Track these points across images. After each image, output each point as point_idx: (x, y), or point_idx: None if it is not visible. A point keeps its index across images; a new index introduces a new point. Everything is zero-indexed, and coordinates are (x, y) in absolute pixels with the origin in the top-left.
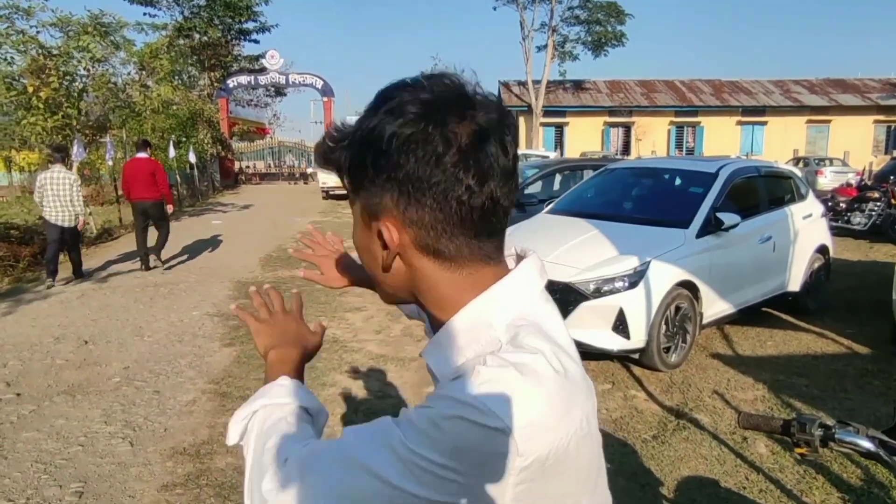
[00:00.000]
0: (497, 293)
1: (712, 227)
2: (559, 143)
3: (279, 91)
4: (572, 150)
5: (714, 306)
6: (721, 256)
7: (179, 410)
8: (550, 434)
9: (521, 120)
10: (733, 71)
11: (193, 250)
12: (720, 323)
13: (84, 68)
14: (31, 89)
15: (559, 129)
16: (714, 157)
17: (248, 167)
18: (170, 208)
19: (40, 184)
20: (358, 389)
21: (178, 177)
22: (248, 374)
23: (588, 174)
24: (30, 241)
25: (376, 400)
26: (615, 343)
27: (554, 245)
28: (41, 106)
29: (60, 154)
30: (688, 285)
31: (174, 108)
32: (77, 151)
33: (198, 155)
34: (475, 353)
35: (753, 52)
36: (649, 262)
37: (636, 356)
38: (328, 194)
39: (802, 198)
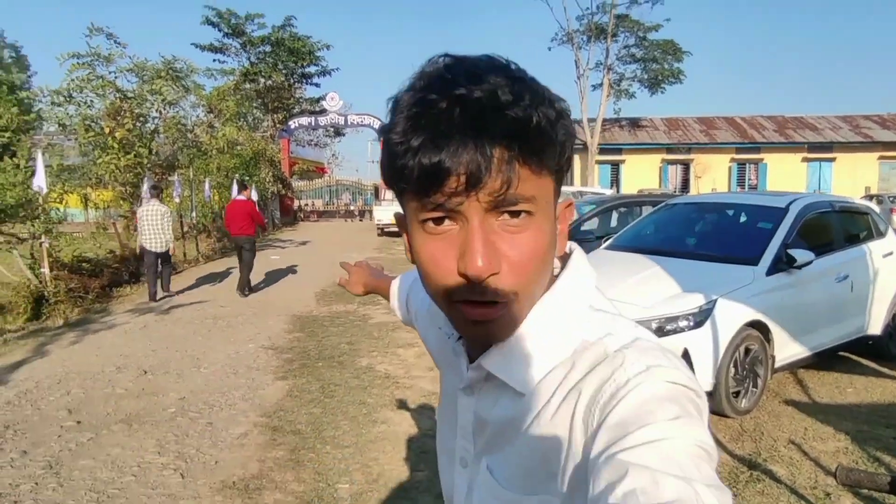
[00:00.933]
0: (570, 287)
1: (783, 264)
2: (615, 181)
3: (338, 131)
4: (629, 187)
5: (787, 349)
6: (794, 296)
7: (231, 443)
8: None
9: (576, 157)
10: (797, 107)
11: (253, 285)
12: (794, 367)
13: (156, 110)
14: (107, 130)
15: (615, 166)
16: (782, 191)
17: (306, 205)
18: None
19: (140, 216)
20: (409, 427)
21: None
22: (299, 409)
23: (647, 210)
24: (99, 274)
25: (427, 439)
26: None
27: (613, 282)
28: (116, 146)
29: (156, 190)
30: (758, 326)
31: (238, 148)
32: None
33: (260, 193)
34: (564, 357)
35: (817, 87)
36: (716, 300)
37: None
38: (383, 231)
39: (882, 235)
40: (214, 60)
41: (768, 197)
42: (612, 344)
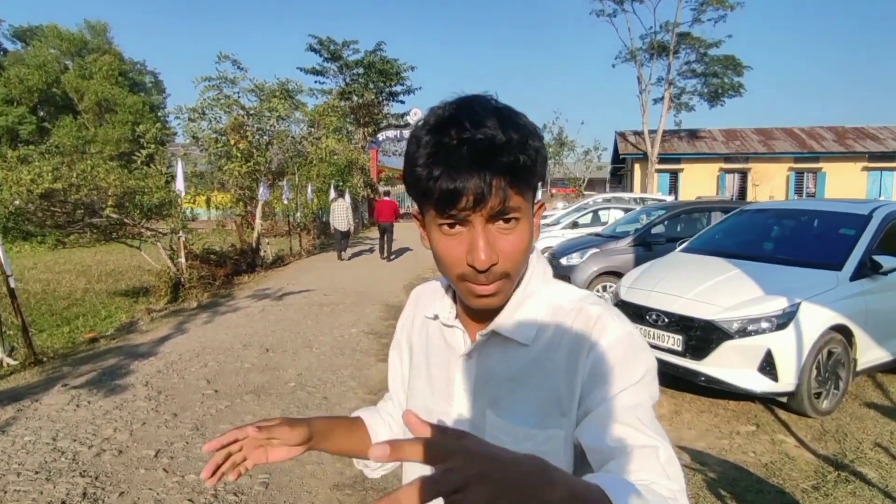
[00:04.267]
0: (537, 268)
1: (867, 270)
2: (673, 188)
3: None
4: (686, 195)
5: (869, 353)
6: (878, 301)
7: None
8: None
9: (637, 166)
10: (857, 118)
11: (349, 277)
12: (875, 371)
13: (271, 125)
14: (232, 142)
15: (674, 174)
16: (863, 199)
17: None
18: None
19: (332, 207)
20: None
21: None
22: None
23: (716, 216)
24: (224, 264)
25: None
26: (761, 385)
27: (693, 283)
28: (239, 155)
29: (340, 192)
30: (841, 329)
31: (336, 157)
32: (263, 192)
33: (352, 197)
34: (546, 314)
35: (878, 98)
36: (799, 303)
37: (783, 400)
38: None
39: None
40: (316, 82)
41: (849, 204)
42: (582, 304)
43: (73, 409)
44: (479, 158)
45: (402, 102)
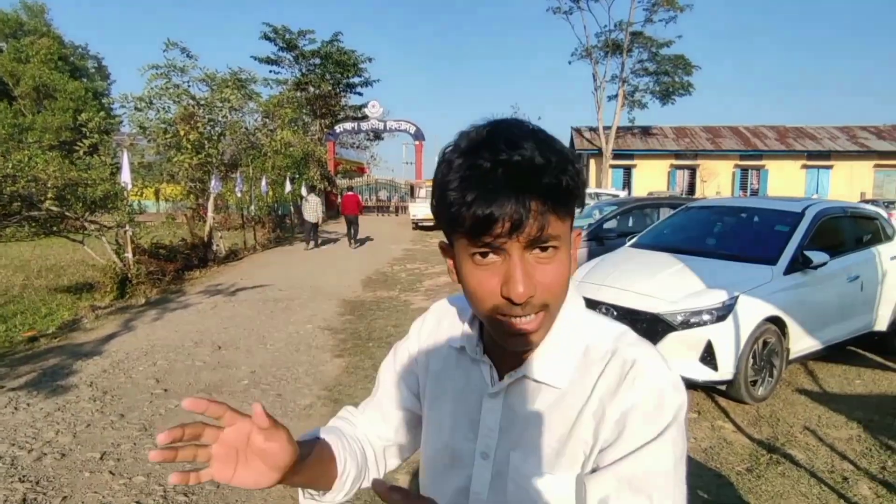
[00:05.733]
0: (574, 306)
1: (800, 264)
2: (627, 184)
3: (377, 135)
4: (639, 190)
5: (801, 342)
6: (809, 294)
7: (299, 413)
8: None
9: (592, 162)
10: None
11: (304, 271)
12: (806, 359)
13: (223, 116)
14: (182, 133)
15: (627, 170)
16: (797, 197)
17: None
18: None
19: (305, 199)
20: None
21: (291, 208)
22: (356, 384)
23: (664, 212)
24: (174, 259)
25: None
26: (702, 374)
27: (640, 277)
28: (189, 147)
29: (312, 187)
30: (775, 321)
31: (291, 149)
32: (214, 185)
33: (308, 190)
34: (579, 356)
35: (817, 99)
36: (738, 296)
37: (723, 388)
38: (417, 225)
39: (889, 238)
40: (270, 71)
41: (785, 202)
42: (615, 344)
43: (11, 412)
44: (517, 181)
45: (360, 94)
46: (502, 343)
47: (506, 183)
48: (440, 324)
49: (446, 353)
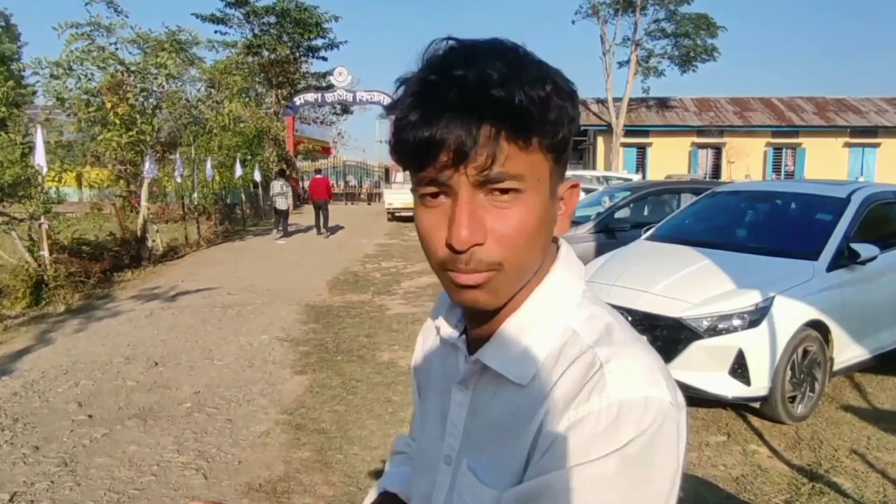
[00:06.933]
0: (563, 278)
1: (845, 259)
2: (641, 166)
3: (345, 109)
4: (655, 173)
5: (847, 351)
6: (856, 293)
7: (253, 442)
8: None
9: (600, 140)
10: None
11: (260, 271)
12: (852, 370)
13: (159, 85)
14: (108, 105)
15: (641, 149)
16: (842, 181)
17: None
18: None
19: (272, 186)
20: None
21: (242, 195)
22: (322, 406)
23: (686, 199)
24: (100, 257)
25: None
26: (732, 389)
27: (659, 276)
28: (118, 122)
29: (282, 172)
30: (817, 326)
31: (242, 125)
32: (149, 167)
33: (263, 174)
34: (555, 347)
35: (861, 67)
36: (773, 297)
37: (756, 405)
38: (394, 216)
39: None
40: (216, 32)
41: (827, 186)
42: (597, 337)
43: None
44: (465, 100)
45: (325, 59)
46: (453, 300)
47: (455, 102)
48: (438, 311)
49: (433, 340)
